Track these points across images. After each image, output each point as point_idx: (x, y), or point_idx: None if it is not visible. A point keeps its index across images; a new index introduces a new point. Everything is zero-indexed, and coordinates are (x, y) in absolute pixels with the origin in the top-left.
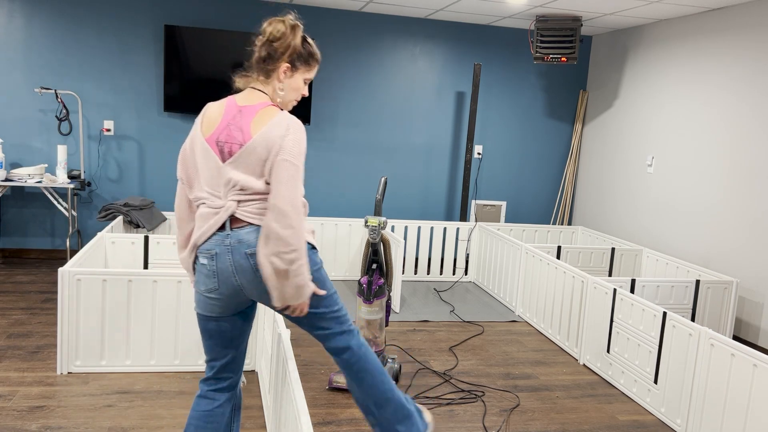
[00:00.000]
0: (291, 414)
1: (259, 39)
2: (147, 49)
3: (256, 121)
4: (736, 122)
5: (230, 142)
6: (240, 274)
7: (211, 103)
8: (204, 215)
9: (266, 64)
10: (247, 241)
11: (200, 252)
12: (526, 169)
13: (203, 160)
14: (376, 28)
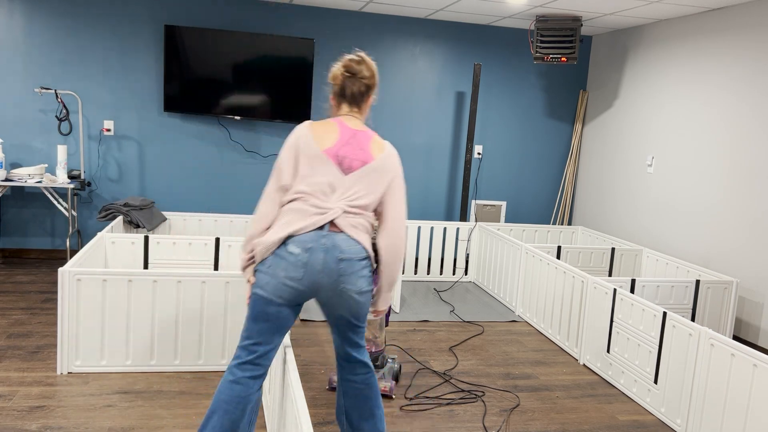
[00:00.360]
0: (291, 414)
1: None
2: (147, 49)
3: (374, 146)
4: (736, 122)
5: (351, 157)
6: (325, 273)
7: (311, 122)
8: (303, 210)
9: (362, 98)
10: (341, 247)
11: (294, 242)
12: (526, 169)
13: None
14: (376, 28)
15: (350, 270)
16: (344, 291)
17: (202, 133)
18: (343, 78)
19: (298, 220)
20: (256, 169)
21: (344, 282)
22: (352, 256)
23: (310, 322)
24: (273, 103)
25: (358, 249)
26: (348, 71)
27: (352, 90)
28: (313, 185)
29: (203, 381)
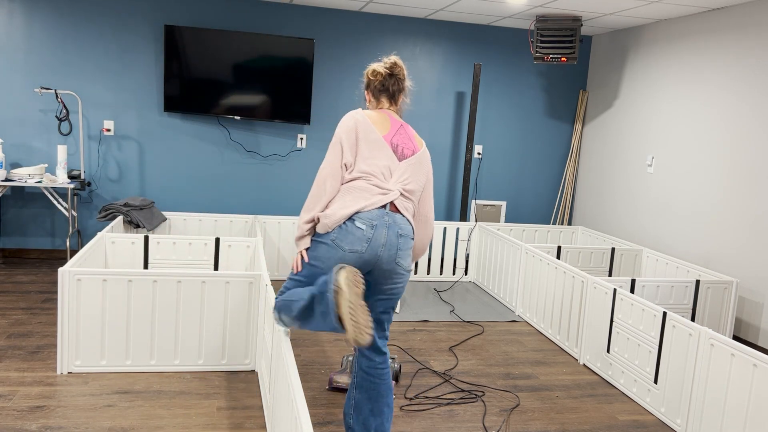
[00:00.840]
0: (291, 414)
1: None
2: (147, 49)
3: (417, 139)
4: (737, 122)
5: (403, 146)
6: (386, 247)
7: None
8: (368, 189)
9: (398, 96)
10: (399, 224)
11: (360, 218)
12: (526, 169)
13: (376, 150)
14: (376, 28)
15: (405, 246)
16: (398, 264)
17: (202, 133)
18: (385, 76)
19: (364, 198)
20: (256, 169)
21: (399, 257)
22: (408, 234)
23: None
24: (273, 103)
25: (410, 228)
26: (390, 71)
27: (393, 87)
28: (374, 167)
29: (203, 381)
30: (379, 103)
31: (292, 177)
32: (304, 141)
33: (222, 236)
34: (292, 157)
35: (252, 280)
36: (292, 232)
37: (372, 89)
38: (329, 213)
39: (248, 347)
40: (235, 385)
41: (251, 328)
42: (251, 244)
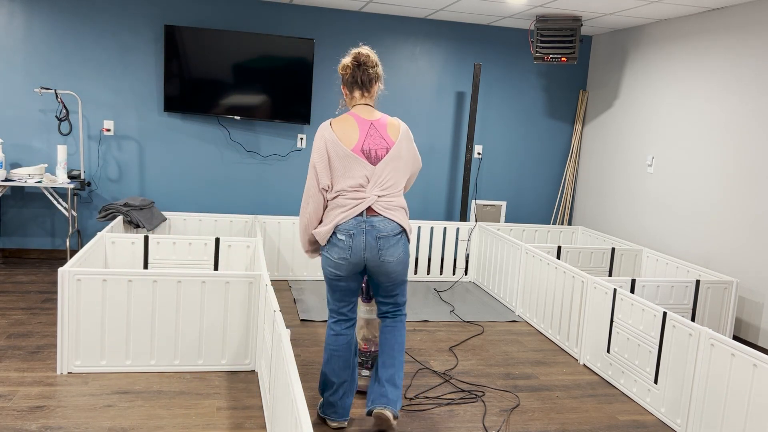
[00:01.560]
0: (291, 414)
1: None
2: (147, 49)
3: (390, 130)
4: (737, 122)
5: (375, 148)
6: (367, 250)
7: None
8: (344, 204)
9: (371, 85)
10: (378, 227)
11: (339, 231)
12: (526, 169)
13: (349, 165)
14: (376, 28)
15: (387, 245)
16: (384, 261)
17: (202, 133)
18: (353, 67)
19: (341, 213)
20: (256, 169)
21: (383, 255)
22: (388, 233)
23: (310, 322)
24: (273, 103)
25: (393, 226)
26: (357, 61)
27: (362, 77)
28: (351, 181)
29: (203, 381)
30: (353, 97)
31: (292, 177)
32: (304, 141)
33: (222, 236)
34: (292, 157)
35: (252, 280)
36: (292, 232)
37: (345, 83)
38: (317, 231)
39: (248, 347)
40: (235, 385)
41: (251, 328)
42: (251, 244)
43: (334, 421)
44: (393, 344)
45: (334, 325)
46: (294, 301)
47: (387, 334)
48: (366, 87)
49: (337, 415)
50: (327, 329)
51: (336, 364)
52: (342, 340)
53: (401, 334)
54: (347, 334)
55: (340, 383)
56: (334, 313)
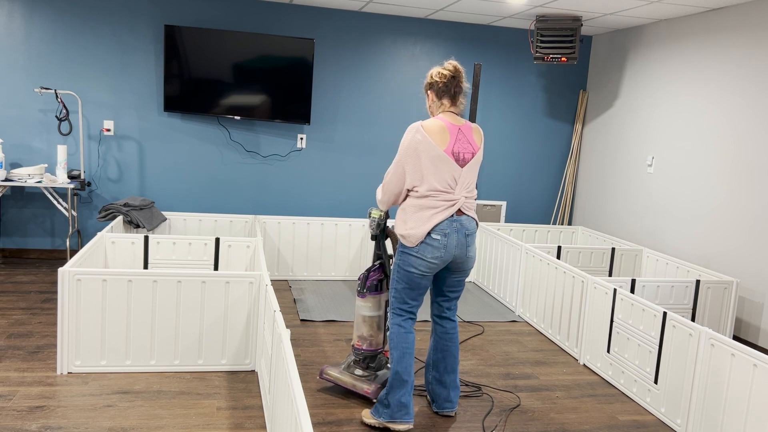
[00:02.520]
0: (291, 414)
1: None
2: (147, 49)
3: (475, 136)
4: (737, 122)
5: (463, 151)
6: (459, 247)
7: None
8: (437, 206)
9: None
10: (465, 225)
11: (435, 231)
12: (526, 169)
13: (440, 165)
14: (376, 28)
15: (472, 241)
16: (468, 256)
17: (202, 133)
18: (449, 78)
19: (435, 215)
20: (256, 169)
21: (469, 251)
22: (473, 230)
23: (310, 322)
24: (273, 103)
25: (474, 224)
26: (453, 74)
27: (454, 89)
28: (441, 181)
29: (203, 381)
30: (441, 104)
31: (292, 177)
32: (304, 141)
33: (222, 236)
34: (292, 157)
35: (252, 280)
36: (291, 232)
37: (436, 90)
38: (411, 233)
39: (248, 347)
40: (235, 385)
41: (251, 328)
42: (251, 244)
43: (405, 423)
44: (455, 351)
45: (405, 323)
46: (294, 301)
47: (448, 342)
48: (455, 98)
49: (409, 416)
50: (394, 327)
51: (408, 362)
52: (412, 338)
53: (458, 337)
54: (413, 332)
55: (412, 381)
56: (405, 312)
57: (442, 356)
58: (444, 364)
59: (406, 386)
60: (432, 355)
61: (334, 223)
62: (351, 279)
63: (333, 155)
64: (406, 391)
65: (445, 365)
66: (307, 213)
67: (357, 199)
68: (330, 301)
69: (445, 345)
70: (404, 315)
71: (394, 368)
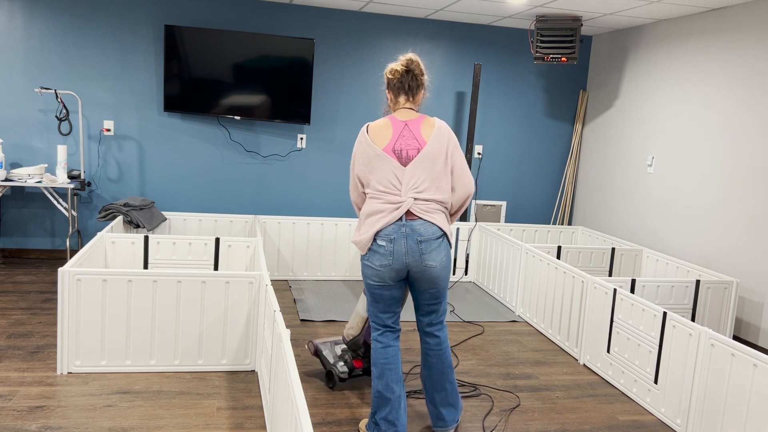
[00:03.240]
0: (291, 414)
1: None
2: (147, 49)
3: (424, 129)
4: (737, 122)
5: (407, 148)
6: (408, 254)
7: (368, 125)
8: (382, 209)
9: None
10: (418, 231)
11: (380, 237)
12: (526, 169)
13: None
14: (376, 28)
15: (429, 248)
16: (426, 266)
17: (202, 133)
18: (402, 73)
19: (380, 219)
20: (256, 169)
21: (426, 259)
22: (429, 237)
23: (310, 322)
24: (273, 103)
25: (434, 229)
26: (407, 67)
27: (410, 84)
28: (382, 182)
29: (203, 381)
30: (397, 102)
31: (292, 177)
32: (304, 141)
33: (222, 236)
34: (292, 157)
35: (252, 280)
36: (291, 232)
37: (391, 87)
38: (359, 239)
39: (248, 347)
40: (235, 385)
41: (251, 328)
42: (251, 244)
43: None
44: (442, 369)
45: (382, 338)
46: (294, 301)
47: (433, 359)
48: (412, 93)
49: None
50: (373, 343)
51: (390, 378)
52: (392, 352)
53: (448, 355)
54: (395, 345)
55: (396, 398)
56: (379, 325)
57: (428, 373)
58: (431, 381)
59: (389, 404)
60: (422, 371)
61: (334, 223)
62: (351, 279)
63: (333, 155)
64: (392, 409)
65: (432, 382)
66: (307, 213)
67: None
68: (330, 301)
69: (429, 361)
70: (380, 329)
71: (375, 386)
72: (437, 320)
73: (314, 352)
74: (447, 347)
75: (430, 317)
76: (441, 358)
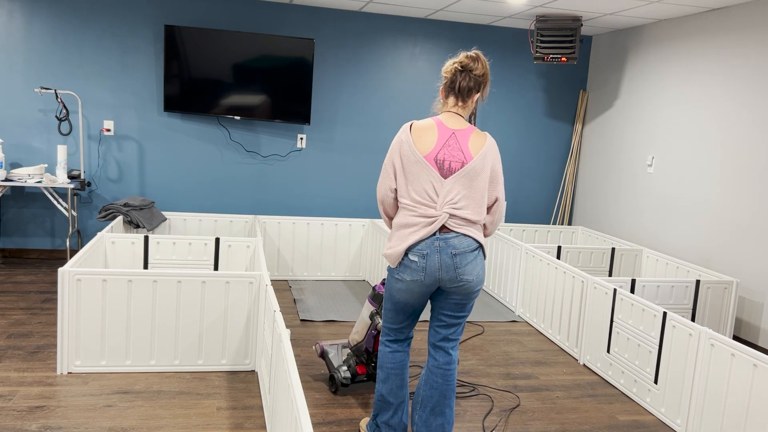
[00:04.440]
0: (291, 414)
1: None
2: (147, 49)
3: (473, 144)
4: (736, 122)
5: (450, 159)
6: (442, 270)
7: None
8: (415, 223)
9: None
10: (453, 244)
11: (412, 252)
12: (526, 169)
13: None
14: (376, 28)
15: (464, 262)
16: (461, 280)
17: (202, 133)
18: (454, 72)
19: (413, 233)
20: (256, 169)
21: (460, 273)
22: (464, 249)
23: (310, 322)
24: (273, 103)
25: (469, 242)
26: (462, 66)
27: (462, 84)
28: (419, 192)
29: (203, 381)
30: (445, 103)
31: (292, 177)
32: (304, 141)
33: (222, 236)
34: (292, 157)
35: (252, 280)
36: (291, 232)
37: (444, 87)
38: (390, 252)
39: (248, 347)
40: (235, 385)
41: (251, 328)
42: (251, 244)
43: None
44: (446, 392)
45: (392, 343)
46: (294, 301)
47: (439, 378)
48: (463, 95)
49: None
50: (381, 346)
51: (394, 383)
52: (399, 357)
53: (454, 378)
54: (404, 351)
55: (399, 404)
56: (392, 332)
57: (429, 394)
58: (430, 404)
59: (391, 408)
60: (421, 391)
61: (334, 223)
62: (351, 279)
63: (333, 155)
64: (395, 414)
65: (431, 405)
66: (307, 213)
67: (357, 199)
68: (330, 301)
69: (434, 381)
70: (392, 335)
71: (379, 389)
72: (455, 336)
73: (320, 353)
74: (455, 369)
75: (448, 331)
76: (448, 379)
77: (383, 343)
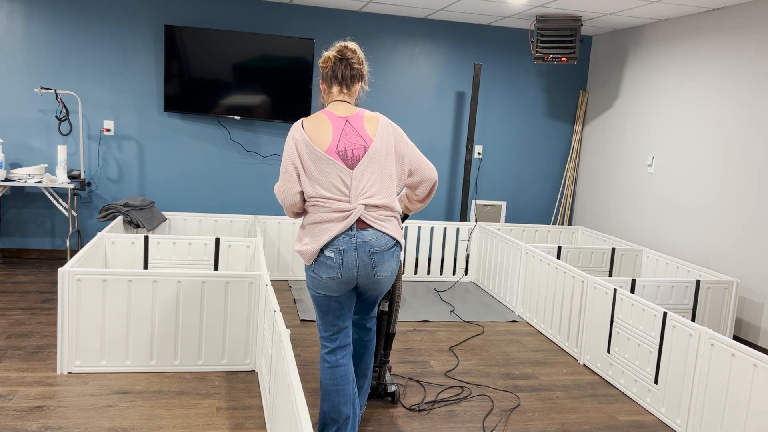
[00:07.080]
0: (291, 414)
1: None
2: (147, 49)
3: (368, 125)
4: (736, 122)
5: (352, 148)
6: (360, 266)
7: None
8: (329, 219)
9: (352, 82)
10: (370, 241)
11: (328, 248)
12: (526, 169)
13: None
14: (376, 28)
15: (382, 260)
16: (378, 276)
17: (202, 133)
18: (334, 61)
19: (327, 229)
20: (256, 169)
21: (378, 271)
22: (382, 248)
23: (310, 322)
24: (273, 103)
25: (386, 240)
26: (341, 55)
27: (343, 73)
28: (328, 187)
29: (203, 381)
30: (330, 93)
31: None
32: None
33: (222, 236)
34: None
35: (252, 280)
36: (291, 232)
37: (325, 78)
38: (304, 249)
39: (248, 347)
40: (235, 385)
41: (251, 328)
42: (251, 244)
43: None
44: (369, 359)
45: (329, 356)
46: (294, 301)
47: (363, 349)
48: (346, 83)
49: None
50: (321, 362)
51: (336, 400)
52: (340, 372)
53: (373, 345)
54: (344, 365)
55: (344, 421)
56: (327, 341)
57: (356, 362)
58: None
59: (335, 426)
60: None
61: None
62: None
63: None
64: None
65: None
66: None
67: None
68: None
69: (359, 352)
70: (327, 346)
71: (321, 407)
72: (373, 314)
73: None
74: (374, 338)
75: (368, 313)
76: (369, 348)
77: (322, 358)
